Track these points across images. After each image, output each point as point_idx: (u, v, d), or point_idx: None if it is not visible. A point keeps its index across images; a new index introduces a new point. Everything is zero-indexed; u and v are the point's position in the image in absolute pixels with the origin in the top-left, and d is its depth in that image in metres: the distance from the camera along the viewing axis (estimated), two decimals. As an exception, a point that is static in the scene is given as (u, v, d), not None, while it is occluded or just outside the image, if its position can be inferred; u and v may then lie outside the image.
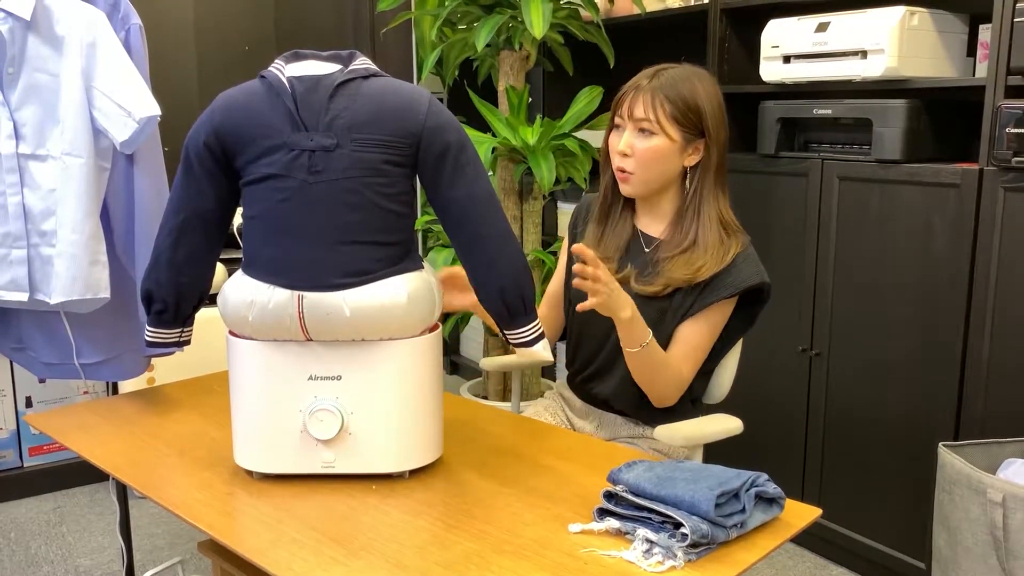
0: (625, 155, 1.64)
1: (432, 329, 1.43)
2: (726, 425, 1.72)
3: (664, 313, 1.66)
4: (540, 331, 1.47)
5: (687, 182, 1.68)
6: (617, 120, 1.67)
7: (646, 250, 1.71)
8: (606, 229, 1.75)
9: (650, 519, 1.19)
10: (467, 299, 1.66)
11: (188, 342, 1.58)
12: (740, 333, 1.76)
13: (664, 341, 1.66)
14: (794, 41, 2.45)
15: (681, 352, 1.66)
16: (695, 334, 1.66)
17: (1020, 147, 1.98)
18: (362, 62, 1.38)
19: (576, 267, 1.46)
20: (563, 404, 1.88)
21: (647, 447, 1.72)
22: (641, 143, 1.63)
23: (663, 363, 1.62)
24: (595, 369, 1.76)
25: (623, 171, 1.66)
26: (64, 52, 1.76)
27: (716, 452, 2.69)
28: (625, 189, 1.68)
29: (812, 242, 2.46)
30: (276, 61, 1.38)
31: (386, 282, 1.34)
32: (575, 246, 1.45)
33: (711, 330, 1.67)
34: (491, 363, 2.10)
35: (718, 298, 1.63)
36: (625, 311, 1.53)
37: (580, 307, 1.50)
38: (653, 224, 1.73)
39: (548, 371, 3.66)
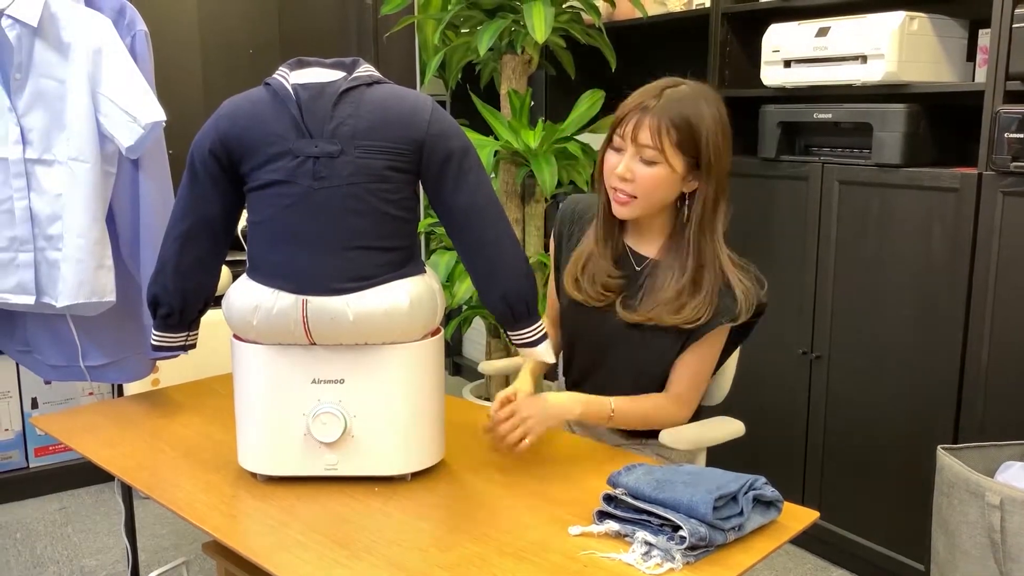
0: (625, 179, 1.55)
1: (434, 333, 1.45)
2: (729, 428, 1.74)
3: (647, 341, 1.61)
4: (543, 332, 1.49)
5: (685, 207, 1.60)
6: (618, 141, 1.56)
7: (637, 268, 1.65)
8: (598, 250, 1.67)
9: (649, 522, 1.21)
10: None
11: (194, 346, 1.59)
12: (734, 346, 1.73)
13: (652, 361, 1.63)
14: (795, 46, 2.46)
15: (681, 381, 1.62)
16: (696, 361, 1.62)
17: (1019, 152, 1.99)
18: (366, 69, 1.40)
19: (489, 425, 1.49)
20: None
21: (649, 452, 1.73)
22: (643, 170, 1.53)
23: (647, 408, 1.60)
24: (590, 389, 1.70)
25: (623, 194, 1.56)
26: (71, 58, 1.78)
27: (717, 454, 2.69)
28: (623, 212, 1.59)
29: (812, 245, 2.48)
30: (280, 68, 1.40)
31: (389, 287, 1.36)
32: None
33: (711, 354, 1.64)
34: (490, 367, 2.11)
35: (714, 326, 1.58)
36: (571, 414, 1.54)
37: (519, 450, 1.49)
38: (644, 243, 1.66)
39: (550, 374, 3.67)
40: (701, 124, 1.51)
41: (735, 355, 1.86)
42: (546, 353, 1.50)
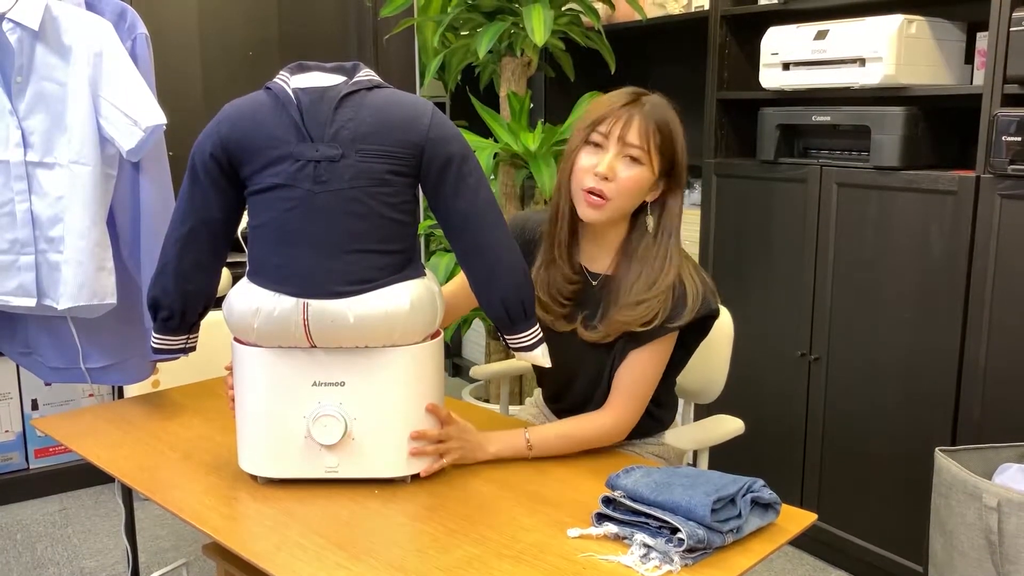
0: (606, 179, 1.52)
1: (434, 336, 1.45)
2: (730, 426, 1.77)
3: (615, 355, 1.60)
4: (540, 336, 1.49)
5: (647, 217, 1.59)
6: (599, 139, 1.54)
7: (593, 284, 1.63)
8: (552, 270, 1.64)
9: (647, 524, 1.21)
10: None
11: (194, 348, 1.60)
12: (687, 351, 1.67)
13: (610, 380, 1.61)
14: (793, 48, 2.47)
15: (622, 391, 1.58)
16: (638, 368, 1.58)
17: (1017, 155, 2.00)
18: (366, 74, 1.41)
19: (414, 433, 1.42)
20: (544, 419, 1.87)
21: (646, 453, 1.74)
22: (625, 170, 1.52)
23: (574, 431, 1.55)
24: (568, 405, 1.71)
25: (599, 195, 1.53)
26: (71, 61, 1.79)
27: (716, 455, 2.70)
28: (593, 215, 1.55)
29: (811, 247, 2.48)
30: (281, 72, 1.40)
31: (389, 290, 1.36)
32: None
33: (654, 361, 1.59)
34: (482, 371, 2.13)
35: (661, 334, 1.56)
36: (487, 452, 1.50)
37: (425, 472, 1.44)
38: (597, 259, 1.64)
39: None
40: (676, 131, 1.57)
41: (726, 352, 1.88)
42: (543, 357, 1.50)
